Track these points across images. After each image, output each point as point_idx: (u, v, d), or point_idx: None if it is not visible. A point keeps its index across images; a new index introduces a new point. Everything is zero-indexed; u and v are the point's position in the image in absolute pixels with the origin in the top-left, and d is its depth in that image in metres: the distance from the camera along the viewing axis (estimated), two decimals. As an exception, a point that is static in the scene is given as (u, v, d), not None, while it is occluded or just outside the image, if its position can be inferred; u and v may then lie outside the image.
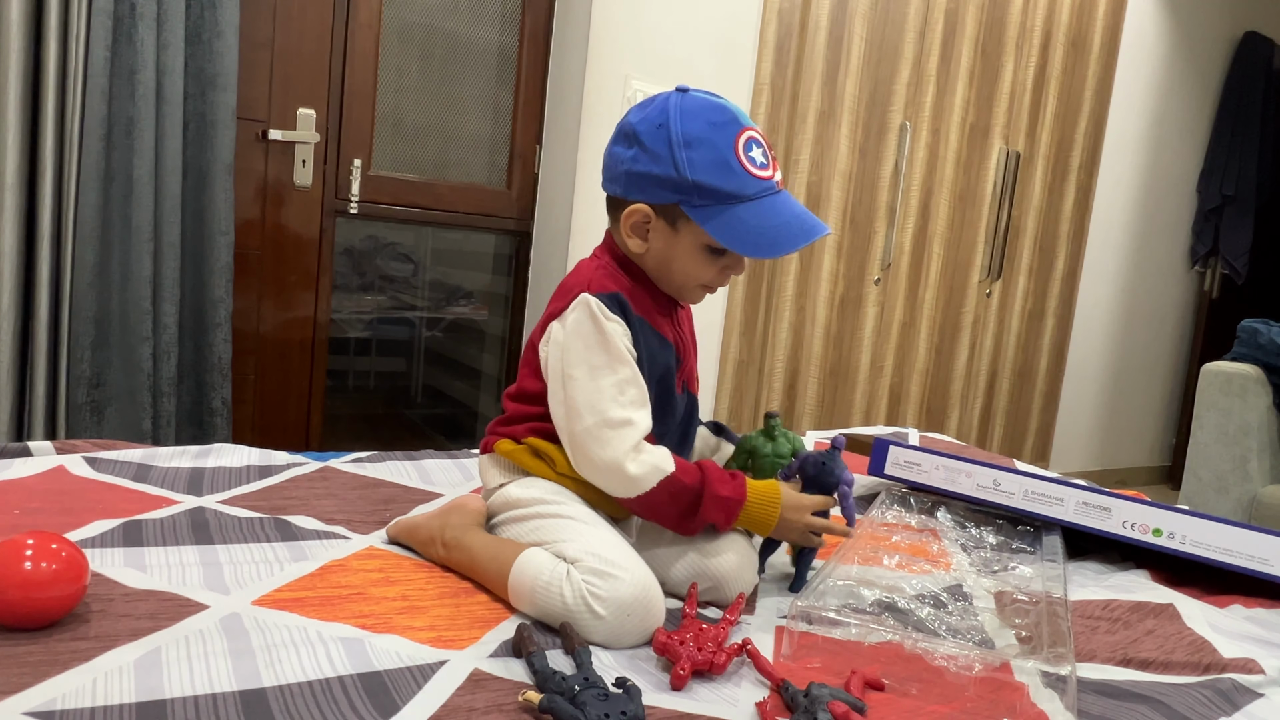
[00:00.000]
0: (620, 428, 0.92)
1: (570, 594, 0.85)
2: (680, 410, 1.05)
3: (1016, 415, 3.48)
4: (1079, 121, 3.36)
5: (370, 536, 1.06)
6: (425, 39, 2.37)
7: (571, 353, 0.95)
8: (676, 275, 1.00)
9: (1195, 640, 0.99)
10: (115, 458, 1.22)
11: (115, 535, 0.96)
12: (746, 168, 0.92)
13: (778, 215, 0.94)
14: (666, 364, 1.00)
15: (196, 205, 1.92)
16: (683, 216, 0.95)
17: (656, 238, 0.97)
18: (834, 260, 2.85)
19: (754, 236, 0.93)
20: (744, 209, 0.93)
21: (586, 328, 0.94)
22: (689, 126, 0.92)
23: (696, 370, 1.11)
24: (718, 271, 0.99)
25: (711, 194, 0.92)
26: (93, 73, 1.72)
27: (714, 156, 0.92)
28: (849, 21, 2.71)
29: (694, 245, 0.96)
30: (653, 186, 0.94)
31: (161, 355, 1.87)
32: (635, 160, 0.95)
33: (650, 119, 0.94)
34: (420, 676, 0.75)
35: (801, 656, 0.88)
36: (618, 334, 0.94)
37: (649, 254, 0.99)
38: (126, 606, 0.81)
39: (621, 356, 0.94)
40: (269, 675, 0.72)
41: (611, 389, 0.93)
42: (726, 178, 0.92)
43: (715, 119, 0.93)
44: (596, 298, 0.95)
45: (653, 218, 0.96)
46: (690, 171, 0.92)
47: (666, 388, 1.01)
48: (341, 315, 2.49)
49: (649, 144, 0.93)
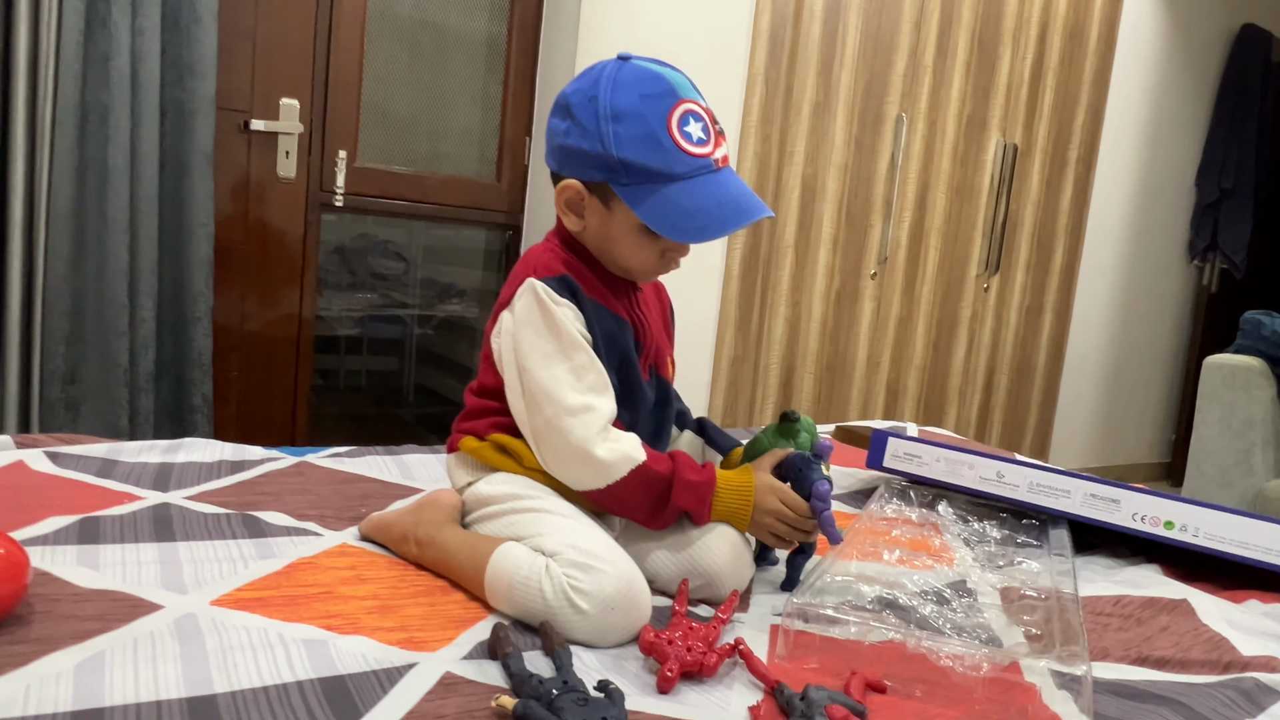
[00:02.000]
0: (581, 414, 0.88)
1: (551, 589, 0.80)
2: (650, 397, 0.99)
3: (1015, 411, 3.43)
4: (1077, 114, 3.31)
5: (343, 533, 1.01)
6: (412, 28, 2.32)
7: (523, 342, 0.90)
8: (618, 257, 0.94)
9: (1213, 637, 0.94)
10: (79, 452, 1.17)
11: (70, 532, 0.91)
12: (679, 144, 0.86)
13: (711, 196, 0.87)
14: (626, 346, 0.95)
15: (175, 196, 1.86)
16: (615, 195, 0.89)
17: (592, 216, 0.93)
18: (830, 254, 2.80)
19: (682, 219, 0.86)
20: (675, 189, 0.86)
21: (535, 314, 0.90)
22: (619, 99, 0.87)
23: (669, 354, 1.06)
24: (659, 254, 0.93)
25: (640, 172, 0.86)
26: (65, 58, 1.66)
27: (642, 131, 0.86)
28: (844, 12, 2.66)
29: (628, 226, 0.91)
30: (582, 163, 0.89)
31: (139, 350, 1.82)
32: (567, 134, 0.90)
33: (583, 90, 0.89)
34: (386, 680, 0.69)
35: (798, 657, 0.83)
36: (568, 318, 0.90)
37: (587, 232, 0.94)
38: (73, 607, 0.75)
39: (574, 341, 0.89)
40: (221, 680, 0.66)
41: (568, 375, 0.88)
42: (655, 154, 0.86)
43: (649, 90, 0.87)
44: (543, 281, 0.90)
45: (586, 195, 0.91)
46: (616, 148, 0.86)
47: (630, 372, 0.95)
48: (331, 313, 2.44)
49: (579, 117, 0.88)
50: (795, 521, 0.93)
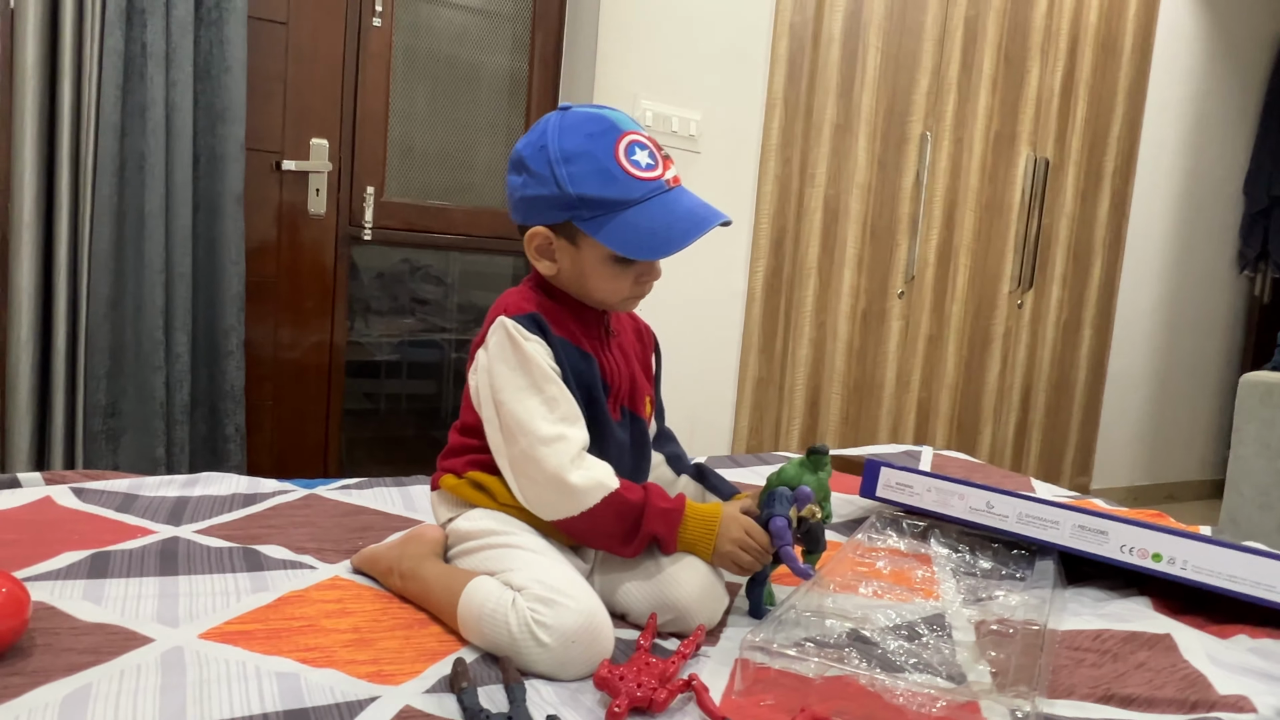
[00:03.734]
0: (554, 443, 0.92)
1: (515, 622, 0.84)
2: (622, 437, 1.03)
3: (1054, 429, 3.36)
4: (1112, 126, 3.25)
5: (337, 566, 1.06)
6: (436, 66, 2.40)
7: (497, 377, 0.95)
8: (594, 291, 1.00)
9: (1189, 674, 0.93)
10: (102, 488, 1.24)
11: (81, 567, 0.98)
12: (630, 171, 0.93)
13: (669, 213, 0.93)
14: (593, 384, 0.99)
15: (208, 236, 1.96)
16: (580, 232, 0.95)
17: (563, 257, 0.98)
18: (854, 274, 2.79)
19: (646, 239, 0.93)
20: (632, 213, 0.93)
21: (507, 350, 0.95)
22: (566, 142, 0.93)
23: (648, 394, 1.09)
24: (633, 280, 0.99)
25: (597, 204, 0.93)
26: (104, 110, 1.77)
27: (593, 167, 0.92)
28: (863, 33, 2.67)
29: (598, 258, 0.97)
30: (544, 208, 0.95)
31: (175, 384, 1.91)
32: (525, 186, 0.96)
33: (532, 142, 0.96)
34: (348, 713, 0.74)
35: (755, 692, 0.85)
36: (539, 352, 0.95)
37: (561, 274, 1.00)
38: (71, 640, 0.82)
39: (545, 374, 0.95)
40: (194, 712, 0.72)
41: (540, 407, 0.93)
42: (609, 185, 0.92)
43: (592, 129, 0.94)
44: (513, 319, 0.96)
45: (553, 238, 0.97)
46: (572, 186, 0.92)
47: (597, 410, 0.99)
48: (371, 339, 2.52)
49: (533, 167, 0.95)
50: (757, 552, 0.96)
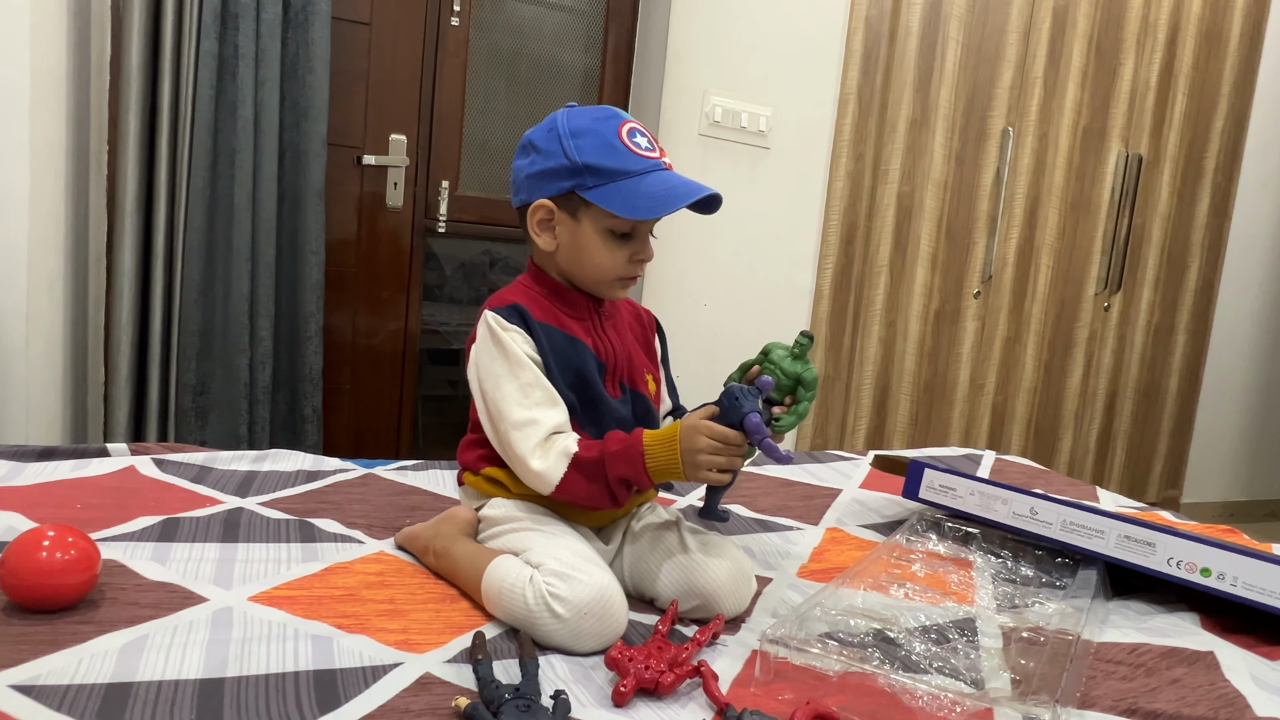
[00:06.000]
0: (523, 427, 0.98)
1: (532, 596, 0.88)
2: (623, 412, 1.06)
3: (1142, 439, 3.22)
4: (1214, 120, 3.08)
5: (384, 542, 1.12)
6: (511, 62, 2.46)
7: (481, 366, 1.02)
8: (588, 268, 1.04)
9: (1227, 693, 0.90)
10: (181, 460, 1.34)
11: (153, 531, 1.06)
12: (631, 148, 1.00)
13: (665, 184, 1.00)
14: (583, 365, 1.03)
15: (291, 228, 2.07)
16: (581, 204, 1.01)
17: (563, 231, 1.03)
18: (927, 273, 2.74)
19: (644, 200, 0.99)
20: (633, 182, 0.99)
21: (488, 342, 1.01)
22: (575, 122, 1.02)
23: (649, 372, 1.11)
24: (626, 259, 1.04)
25: (601, 173, 0.99)
26: (199, 108, 1.89)
27: (599, 141, 1.00)
28: (943, 26, 2.61)
29: (596, 231, 1.02)
30: (549, 180, 1.02)
31: (258, 366, 2.03)
32: (532, 164, 1.03)
33: (541, 127, 1.04)
34: (371, 677, 0.79)
35: (773, 683, 0.86)
36: (516, 341, 1.00)
37: (560, 251, 1.04)
38: (136, 595, 0.89)
39: (520, 361, 1.00)
40: (234, 667, 0.78)
41: (515, 393, 0.99)
42: (612, 157, 0.99)
43: (598, 115, 1.02)
44: (494, 311, 1.02)
45: (555, 211, 1.03)
46: (579, 155, 0.99)
47: (590, 389, 1.03)
48: (449, 327, 2.62)
49: (542, 145, 1.02)
50: (729, 452, 0.93)
